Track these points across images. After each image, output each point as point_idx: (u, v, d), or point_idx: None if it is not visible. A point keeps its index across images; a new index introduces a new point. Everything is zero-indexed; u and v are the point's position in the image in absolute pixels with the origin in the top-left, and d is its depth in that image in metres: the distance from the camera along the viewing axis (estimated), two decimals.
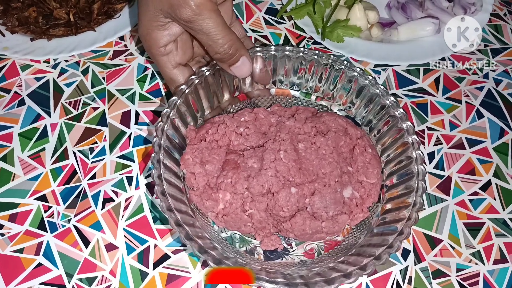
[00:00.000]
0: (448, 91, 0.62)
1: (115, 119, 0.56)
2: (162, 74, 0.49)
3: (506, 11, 0.72)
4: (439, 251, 0.49)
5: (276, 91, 0.52)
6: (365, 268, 0.36)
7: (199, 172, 0.43)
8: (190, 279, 0.46)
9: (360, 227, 0.44)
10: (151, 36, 0.45)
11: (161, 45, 0.46)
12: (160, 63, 0.47)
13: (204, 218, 0.44)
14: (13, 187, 0.51)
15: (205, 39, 0.43)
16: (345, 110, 0.50)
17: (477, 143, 0.57)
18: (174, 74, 0.48)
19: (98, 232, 0.48)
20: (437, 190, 0.53)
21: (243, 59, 0.44)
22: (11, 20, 0.62)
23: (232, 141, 0.45)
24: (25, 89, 0.59)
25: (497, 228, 0.51)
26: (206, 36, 0.42)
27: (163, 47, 0.46)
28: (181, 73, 0.48)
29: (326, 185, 0.42)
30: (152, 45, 0.46)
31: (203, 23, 0.41)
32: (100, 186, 0.51)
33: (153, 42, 0.45)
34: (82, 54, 0.62)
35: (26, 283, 0.45)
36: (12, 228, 0.48)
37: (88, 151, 0.54)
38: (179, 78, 0.48)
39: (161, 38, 0.45)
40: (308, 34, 0.65)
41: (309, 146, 0.44)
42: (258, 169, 0.42)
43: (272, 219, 0.43)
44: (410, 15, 0.66)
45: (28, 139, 0.54)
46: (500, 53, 0.66)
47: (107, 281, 0.46)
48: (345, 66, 0.47)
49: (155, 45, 0.46)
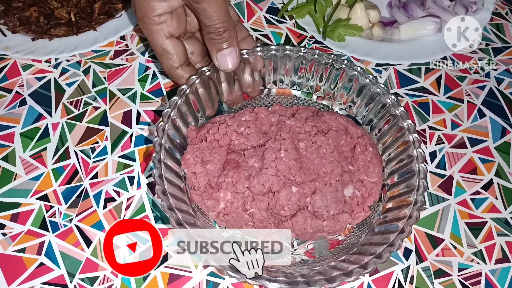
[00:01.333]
0: (449, 90, 0.62)
1: (117, 118, 0.56)
2: (153, 45, 0.46)
3: (507, 10, 0.71)
4: (441, 251, 0.49)
5: (277, 90, 0.52)
6: (366, 266, 0.35)
7: (200, 171, 0.43)
8: (192, 279, 0.46)
9: (361, 226, 0.44)
10: (149, 4, 0.44)
11: (156, 14, 0.44)
12: (153, 31, 0.45)
13: (206, 218, 0.44)
14: (15, 187, 0.51)
15: (204, 17, 0.43)
16: (346, 109, 0.50)
17: (479, 142, 0.57)
18: (166, 44, 0.46)
19: (100, 232, 0.48)
20: (439, 189, 0.53)
21: (231, 49, 0.44)
22: (13, 19, 0.62)
23: (233, 141, 0.45)
24: (27, 89, 0.59)
25: (499, 228, 0.51)
26: (206, 17, 0.42)
27: (158, 16, 0.44)
28: (173, 44, 0.46)
29: (327, 184, 0.42)
30: (146, 13, 0.44)
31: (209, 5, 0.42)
32: (102, 186, 0.51)
33: (149, 9, 0.44)
34: (83, 54, 0.62)
35: (28, 283, 0.45)
36: (14, 228, 0.48)
37: (90, 150, 0.54)
38: (171, 50, 0.46)
39: (158, 8, 0.44)
40: (309, 33, 0.65)
41: (310, 145, 0.44)
42: (259, 168, 0.42)
43: (273, 218, 0.43)
44: (411, 14, 0.66)
45: (29, 139, 0.54)
46: (502, 52, 0.66)
47: (109, 281, 0.46)
48: (345, 65, 0.47)
49: (150, 13, 0.44)
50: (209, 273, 0.46)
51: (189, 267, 0.47)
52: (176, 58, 0.46)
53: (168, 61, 0.46)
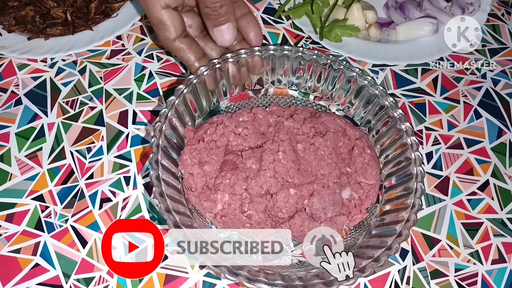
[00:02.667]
0: (446, 91, 0.62)
1: (113, 118, 0.56)
2: (149, 16, 0.45)
3: (504, 11, 0.72)
4: (437, 251, 0.49)
5: (275, 90, 0.52)
6: (363, 270, 0.36)
7: (198, 172, 0.43)
8: (188, 280, 0.46)
9: (358, 228, 0.44)
10: None
11: None
12: (148, 1, 0.44)
13: (203, 219, 0.44)
14: (10, 187, 0.51)
15: None
16: (343, 110, 0.50)
17: (475, 143, 0.57)
18: (162, 15, 0.44)
19: (96, 232, 0.48)
20: (435, 190, 0.53)
21: (228, 25, 0.44)
22: (8, 19, 0.62)
23: (230, 142, 0.45)
24: (22, 89, 0.58)
25: (495, 228, 0.51)
26: None
27: None
28: (169, 15, 0.45)
29: (324, 186, 0.42)
30: None
31: None
32: (98, 186, 0.51)
33: None
34: (80, 54, 0.61)
35: (23, 284, 0.45)
36: (9, 228, 0.48)
37: (86, 151, 0.53)
38: (167, 20, 0.45)
39: None
40: (306, 33, 0.65)
41: (308, 147, 0.44)
42: (256, 170, 0.42)
43: (271, 220, 0.43)
44: (408, 15, 0.66)
45: (25, 139, 0.54)
46: (498, 53, 0.66)
47: (105, 282, 0.46)
48: (344, 66, 0.47)
49: None
50: (206, 273, 0.46)
51: (185, 267, 0.47)
52: (172, 30, 0.45)
53: (165, 33, 0.45)
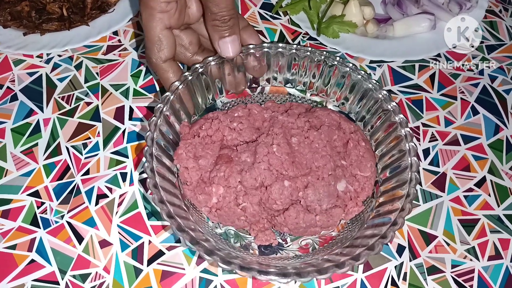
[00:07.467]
0: (443, 87, 0.62)
1: (109, 114, 0.56)
2: (148, 32, 0.45)
3: (501, 7, 0.72)
4: (434, 247, 0.49)
5: (271, 88, 0.52)
6: (358, 258, 0.35)
7: (193, 166, 0.43)
8: (185, 276, 0.46)
9: (354, 221, 0.44)
10: None
11: (165, 0, 0.43)
12: (154, 18, 0.44)
13: (198, 214, 0.43)
14: (6, 183, 0.50)
15: (212, 5, 0.43)
16: (339, 106, 0.50)
17: (472, 139, 0.57)
18: (163, 34, 0.45)
19: (92, 229, 0.48)
20: (432, 186, 0.53)
21: (234, 37, 0.45)
22: (4, 14, 0.62)
23: (225, 136, 0.45)
24: (18, 84, 0.58)
25: (491, 225, 0.51)
26: (214, 4, 0.43)
27: (166, 3, 0.44)
28: (169, 36, 0.46)
29: (319, 178, 0.42)
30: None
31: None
32: (94, 182, 0.51)
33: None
34: (76, 49, 0.61)
35: (19, 280, 0.45)
36: (4, 225, 0.48)
37: (82, 146, 0.53)
38: (165, 41, 0.45)
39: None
40: (304, 29, 0.65)
41: (302, 140, 0.44)
42: (251, 163, 0.42)
43: (266, 213, 0.43)
44: (405, 11, 0.66)
45: (20, 135, 0.54)
46: (495, 50, 0.66)
47: (101, 278, 0.45)
48: (337, 62, 0.47)
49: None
50: (202, 270, 0.46)
51: (182, 264, 0.46)
52: (167, 51, 0.46)
53: (159, 52, 0.45)
